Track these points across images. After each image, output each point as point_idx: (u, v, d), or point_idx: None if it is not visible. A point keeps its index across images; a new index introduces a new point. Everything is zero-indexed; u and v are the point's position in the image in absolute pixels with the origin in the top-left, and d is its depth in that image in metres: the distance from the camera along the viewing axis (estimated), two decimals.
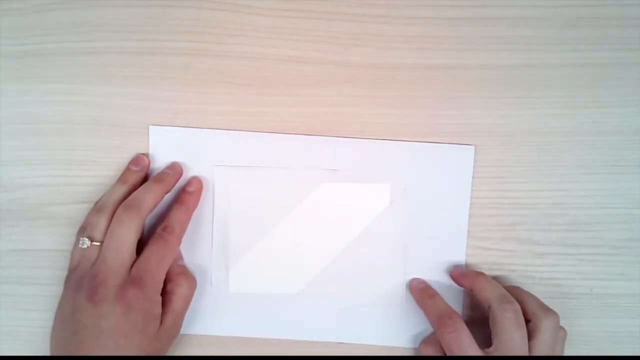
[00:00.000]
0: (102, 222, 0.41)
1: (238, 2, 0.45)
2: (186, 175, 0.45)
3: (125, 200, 0.42)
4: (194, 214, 0.45)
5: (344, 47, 0.45)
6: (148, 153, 0.45)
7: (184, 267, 0.45)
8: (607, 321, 0.46)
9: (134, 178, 0.44)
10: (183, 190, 0.44)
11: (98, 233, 0.41)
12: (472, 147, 0.45)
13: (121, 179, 0.44)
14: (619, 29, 0.45)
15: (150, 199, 0.42)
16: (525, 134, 0.45)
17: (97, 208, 0.42)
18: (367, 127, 0.45)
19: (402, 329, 0.46)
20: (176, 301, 0.42)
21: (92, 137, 0.46)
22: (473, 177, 0.45)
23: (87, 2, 0.45)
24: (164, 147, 0.45)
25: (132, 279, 0.40)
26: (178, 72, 0.45)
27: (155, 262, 0.41)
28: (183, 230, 0.43)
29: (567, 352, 0.45)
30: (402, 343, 0.46)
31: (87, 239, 0.41)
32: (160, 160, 0.45)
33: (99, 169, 0.46)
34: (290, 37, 0.45)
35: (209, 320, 0.46)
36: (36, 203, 0.46)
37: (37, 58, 0.45)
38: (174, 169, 0.44)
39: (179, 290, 0.42)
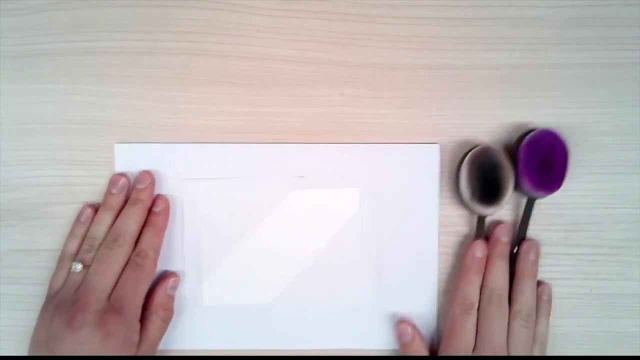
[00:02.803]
0: (93, 249, 0.42)
1: (238, 2, 0.45)
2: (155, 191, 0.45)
3: (111, 231, 0.43)
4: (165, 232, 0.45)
5: (344, 47, 0.45)
6: (125, 172, 0.45)
7: (169, 297, 0.44)
8: (607, 321, 0.46)
9: (117, 202, 0.44)
10: (150, 212, 0.44)
11: (89, 260, 0.42)
12: (437, 146, 0.45)
13: (105, 205, 0.44)
14: (619, 29, 0.45)
15: (134, 224, 0.43)
16: None
17: (89, 236, 0.43)
18: (367, 127, 0.45)
19: (378, 331, 0.46)
20: (151, 329, 0.42)
21: (92, 137, 0.46)
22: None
23: (87, 2, 0.45)
24: (131, 165, 0.45)
25: (111, 305, 0.40)
26: (178, 72, 0.45)
27: (132, 288, 0.41)
28: (157, 252, 0.43)
29: (568, 352, 0.46)
30: (379, 345, 0.46)
31: (80, 264, 0.42)
32: (129, 177, 0.45)
33: (99, 169, 0.46)
34: (290, 37, 0.45)
35: (185, 334, 0.46)
36: (36, 203, 0.46)
37: (37, 58, 0.45)
38: (145, 181, 0.44)
39: (155, 319, 0.43)
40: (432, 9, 0.45)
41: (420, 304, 0.46)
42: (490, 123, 0.45)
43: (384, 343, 0.46)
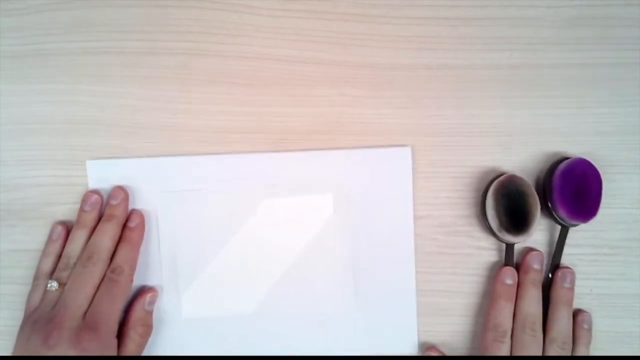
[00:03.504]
0: (68, 268, 0.42)
1: (238, 2, 0.45)
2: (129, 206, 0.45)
3: (86, 248, 0.43)
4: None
5: (344, 47, 0.45)
6: (97, 189, 0.45)
7: (147, 313, 0.44)
8: (607, 321, 0.46)
9: (90, 219, 0.44)
10: (125, 227, 0.44)
11: (64, 278, 0.42)
12: (409, 148, 0.45)
13: (79, 223, 0.44)
14: (619, 29, 0.45)
15: (108, 241, 0.43)
16: (526, 133, 0.45)
17: (64, 255, 0.43)
18: (367, 127, 0.45)
19: (358, 337, 0.46)
20: (130, 345, 0.42)
21: (91, 137, 0.46)
22: (475, 178, 0.45)
23: (87, 2, 0.45)
24: (104, 181, 0.45)
25: (86, 322, 0.40)
26: (178, 72, 0.45)
27: (108, 305, 0.41)
28: (132, 268, 0.43)
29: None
30: (359, 351, 0.46)
31: (55, 282, 0.42)
32: (102, 194, 0.45)
33: None
34: (290, 37, 0.45)
35: (164, 347, 0.45)
36: (36, 203, 0.46)
37: (37, 58, 0.45)
38: (118, 197, 0.44)
39: (134, 335, 0.43)
40: (432, 9, 0.45)
41: (399, 306, 0.45)
42: (490, 123, 0.45)
43: (363, 349, 0.46)
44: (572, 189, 0.43)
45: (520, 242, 0.44)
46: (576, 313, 0.44)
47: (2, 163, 0.46)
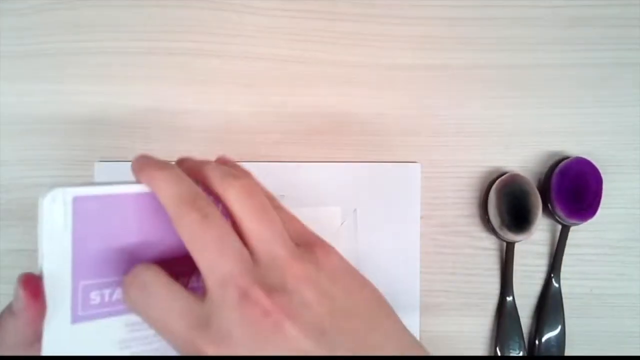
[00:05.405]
0: None
1: (238, 2, 0.45)
2: None
3: None
4: None
5: (344, 47, 0.45)
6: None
7: None
8: (607, 321, 0.46)
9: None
10: None
11: None
12: (418, 165, 0.45)
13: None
14: (619, 29, 0.45)
15: None
16: (526, 133, 0.45)
17: None
18: (366, 127, 0.45)
19: None
20: None
21: (92, 137, 0.46)
22: (475, 178, 0.45)
23: (87, 2, 0.45)
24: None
25: None
26: (178, 72, 0.45)
27: None
28: None
29: (568, 352, 0.46)
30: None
31: None
32: None
33: None
34: (290, 37, 0.45)
35: None
36: (36, 203, 0.46)
37: (37, 58, 0.45)
38: None
39: None
40: (432, 9, 0.45)
41: (403, 320, 0.45)
42: (490, 123, 0.45)
43: None
44: (570, 187, 0.43)
45: (521, 241, 0.44)
46: None
47: (2, 163, 0.46)
